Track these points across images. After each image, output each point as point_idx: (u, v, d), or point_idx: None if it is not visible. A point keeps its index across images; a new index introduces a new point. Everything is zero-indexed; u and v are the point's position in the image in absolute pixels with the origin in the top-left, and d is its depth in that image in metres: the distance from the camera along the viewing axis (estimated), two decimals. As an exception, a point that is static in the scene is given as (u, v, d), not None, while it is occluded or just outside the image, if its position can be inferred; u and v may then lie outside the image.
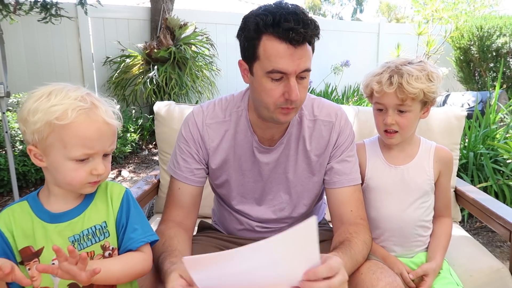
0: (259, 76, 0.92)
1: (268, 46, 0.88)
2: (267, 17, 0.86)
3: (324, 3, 21.89)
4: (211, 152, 1.07)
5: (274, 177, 1.10)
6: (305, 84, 0.93)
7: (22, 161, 3.08)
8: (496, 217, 1.21)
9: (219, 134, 1.07)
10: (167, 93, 4.10)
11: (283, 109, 0.93)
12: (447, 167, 1.14)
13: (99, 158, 0.76)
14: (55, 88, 0.75)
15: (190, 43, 4.47)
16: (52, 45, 4.55)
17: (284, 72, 0.88)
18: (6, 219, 0.76)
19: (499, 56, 4.88)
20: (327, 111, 1.08)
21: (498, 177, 2.38)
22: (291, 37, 0.85)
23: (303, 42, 0.87)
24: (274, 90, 0.90)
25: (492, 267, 1.17)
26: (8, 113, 3.69)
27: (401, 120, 1.04)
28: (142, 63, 4.38)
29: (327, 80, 5.58)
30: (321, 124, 1.06)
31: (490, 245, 2.25)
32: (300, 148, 1.07)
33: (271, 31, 0.86)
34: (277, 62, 0.87)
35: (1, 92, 2.11)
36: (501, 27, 4.85)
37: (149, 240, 0.84)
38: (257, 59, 0.91)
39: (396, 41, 4.91)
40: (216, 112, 1.08)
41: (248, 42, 0.92)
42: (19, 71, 4.42)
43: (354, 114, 1.61)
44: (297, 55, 0.87)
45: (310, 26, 0.87)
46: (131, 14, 4.88)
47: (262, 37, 0.88)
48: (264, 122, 1.02)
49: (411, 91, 0.99)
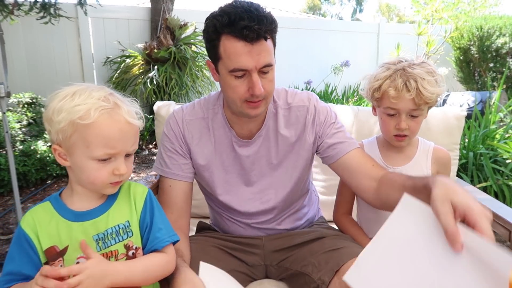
0: (224, 74, 0.95)
1: (227, 46, 0.91)
2: (223, 17, 0.90)
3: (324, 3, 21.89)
4: (192, 148, 1.09)
5: (257, 169, 1.11)
6: (269, 78, 0.96)
7: (23, 161, 3.08)
8: (495, 217, 1.21)
9: (199, 130, 1.09)
10: (167, 93, 4.10)
11: (249, 103, 0.96)
12: (444, 167, 1.14)
13: (121, 158, 0.76)
14: (79, 88, 0.76)
15: (190, 43, 4.47)
16: (53, 45, 4.56)
17: (245, 69, 0.91)
18: (30, 221, 0.77)
19: (499, 56, 4.88)
20: (299, 97, 1.11)
21: (497, 177, 2.38)
22: (246, 34, 0.88)
23: (258, 38, 0.89)
24: (239, 87, 0.94)
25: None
26: (9, 113, 3.70)
27: (412, 124, 1.04)
28: (142, 63, 4.38)
29: (327, 80, 5.58)
30: (296, 110, 1.09)
31: (490, 245, 2.25)
32: (279, 138, 1.09)
33: (228, 31, 0.90)
34: (237, 60, 0.91)
35: (2, 92, 2.11)
36: (501, 27, 4.85)
37: (173, 240, 0.85)
38: (220, 59, 0.95)
39: (396, 41, 4.90)
40: (196, 110, 1.11)
41: (209, 43, 0.96)
42: (19, 71, 4.43)
43: (354, 114, 1.61)
44: (255, 51, 0.90)
45: (265, 22, 0.89)
46: (131, 14, 4.89)
47: (221, 37, 0.92)
48: (238, 117, 1.05)
49: (428, 96, 0.99)
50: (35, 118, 3.90)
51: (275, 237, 1.16)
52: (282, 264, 1.11)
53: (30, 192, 3.11)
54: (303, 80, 5.43)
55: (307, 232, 1.15)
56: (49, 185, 3.23)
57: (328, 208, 1.35)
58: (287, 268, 1.09)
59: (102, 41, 4.73)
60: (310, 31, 5.85)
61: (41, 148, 3.23)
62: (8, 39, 4.24)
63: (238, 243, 1.14)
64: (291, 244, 1.12)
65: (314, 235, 1.12)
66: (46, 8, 3.51)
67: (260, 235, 1.16)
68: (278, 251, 1.13)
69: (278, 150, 1.10)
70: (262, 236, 1.16)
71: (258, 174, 1.12)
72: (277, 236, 1.16)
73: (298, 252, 1.09)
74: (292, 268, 1.07)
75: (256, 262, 1.13)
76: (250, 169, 1.11)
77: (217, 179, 1.11)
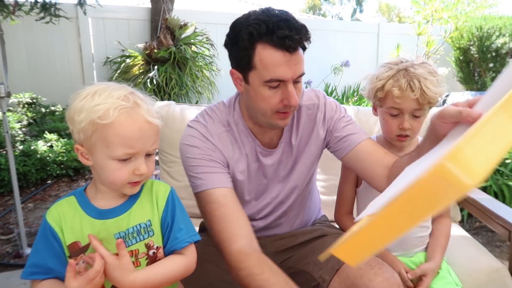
0: (256, 85, 0.92)
1: (264, 55, 0.87)
2: (260, 26, 0.86)
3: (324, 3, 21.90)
4: (230, 162, 1.02)
5: (276, 177, 1.10)
6: (299, 87, 0.95)
7: (23, 161, 3.08)
8: (495, 217, 1.22)
9: (230, 143, 1.03)
10: (167, 93, 4.10)
11: (280, 114, 0.94)
12: None
13: (141, 157, 0.75)
14: (100, 87, 0.75)
15: (190, 43, 4.47)
16: (53, 46, 4.56)
17: (282, 80, 0.89)
18: (56, 215, 0.77)
19: (498, 56, 4.88)
20: (307, 96, 1.10)
21: (497, 177, 2.38)
22: (288, 44, 0.85)
23: (297, 48, 0.88)
24: (272, 98, 0.91)
25: (492, 266, 1.17)
26: (9, 113, 3.70)
27: (415, 124, 1.04)
28: (142, 63, 4.38)
29: (327, 80, 5.58)
30: (306, 109, 1.08)
31: (489, 245, 2.26)
32: (294, 140, 1.08)
33: (266, 39, 0.86)
34: (275, 71, 0.88)
35: (2, 92, 2.11)
36: (501, 27, 4.86)
37: (193, 240, 0.82)
38: (253, 68, 0.90)
39: (396, 41, 4.90)
40: (216, 124, 1.03)
41: (242, 52, 0.90)
42: (19, 71, 4.43)
43: (354, 114, 1.61)
44: (293, 61, 0.88)
45: (303, 31, 0.88)
46: (132, 14, 4.89)
47: (256, 46, 0.88)
48: (261, 127, 1.03)
49: (432, 96, 0.99)
50: (35, 118, 3.90)
51: (279, 237, 1.15)
52: (285, 264, 1.11)
53: (30, 192, 3.11)
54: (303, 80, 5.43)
55: (310, 231, 1.15)
56: (49, 185, 3.23)
57: (328, 208, 1.35)
58: (289, 267, 1.08)
59: (102, 41, 4.73)
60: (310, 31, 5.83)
61: (41, 148, 3.23)
62: (9, 39, 4.23)
63: None
64: (294, 243, 1.12)
65: (317, 233, 1.12)
66: (47, 8, 3.51)
67: (263, 236, 1.15)
68: (281, 251, 1.13)
69: (293, 153, 1.09)
70: (265, 237, 1.15)
71: (276, 181, 1.11)
72: (281, 237, 1.16)
73: (300, 251, 1.09)
74: (294, 266, 1.07)
75: None
76: (272, 178, 1.09)
77: (245, 188, 1.08)
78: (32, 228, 2.56)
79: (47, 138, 3.40)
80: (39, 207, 2.91)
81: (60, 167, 3.29)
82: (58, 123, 3.75)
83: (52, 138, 3.41)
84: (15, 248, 2.29)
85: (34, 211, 2.84)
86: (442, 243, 1.13)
